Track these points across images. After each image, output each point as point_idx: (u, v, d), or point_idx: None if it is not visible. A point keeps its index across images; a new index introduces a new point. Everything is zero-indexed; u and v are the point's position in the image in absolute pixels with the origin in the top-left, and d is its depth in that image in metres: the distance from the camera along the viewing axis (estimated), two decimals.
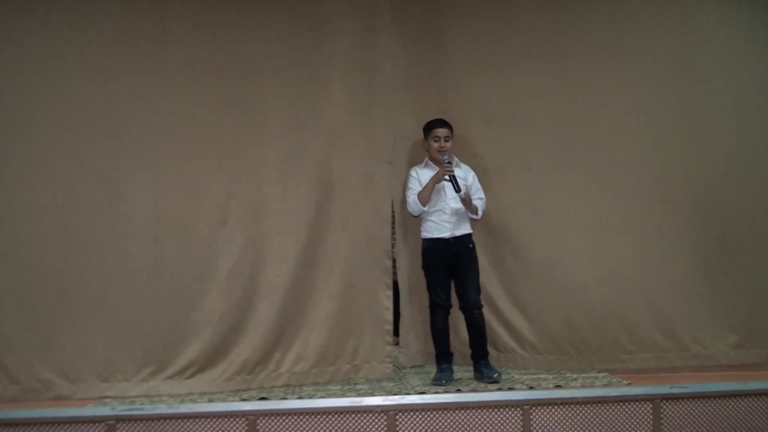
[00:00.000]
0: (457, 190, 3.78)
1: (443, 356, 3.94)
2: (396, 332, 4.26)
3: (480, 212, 3.99)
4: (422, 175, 4.00)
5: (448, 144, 3.94)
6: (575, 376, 3.98)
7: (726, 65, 4.33)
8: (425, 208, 3.86)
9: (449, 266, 3.91)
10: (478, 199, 4.01)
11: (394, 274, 4.25)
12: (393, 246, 4.23)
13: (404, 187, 4.05)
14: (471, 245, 3.97)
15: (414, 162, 4.20)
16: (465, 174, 4.03)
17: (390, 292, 4.11)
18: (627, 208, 4.21)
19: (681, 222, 4.24)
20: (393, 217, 4.26)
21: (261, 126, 3.95)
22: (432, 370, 4.04)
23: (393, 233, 4.26)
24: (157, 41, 3.87)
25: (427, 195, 3.88)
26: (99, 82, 3.81)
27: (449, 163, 3.85)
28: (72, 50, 3.81)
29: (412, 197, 3.90)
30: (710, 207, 4.26)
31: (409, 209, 3.93)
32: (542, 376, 4.00)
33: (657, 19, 4.28)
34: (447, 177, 3.82)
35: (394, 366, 4.18)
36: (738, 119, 4.31)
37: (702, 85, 4.30)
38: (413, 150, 4.25)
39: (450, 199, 3.91)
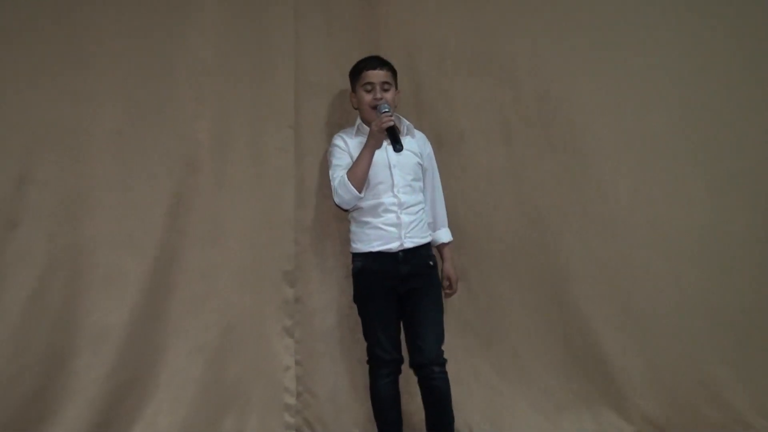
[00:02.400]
0: (398, 148, 2.94)
1: None
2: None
3: (444, 227, 3.19)
4: (352, 144, 3.10)
5: (388, 95, 3.07)
6: None
7: None
8: (361, 195, 2.99)
9: (397, 297, 3.02)
10: (436, 202, 3.18)
11: None
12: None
13: (327, 163, 3.21)
14: (431, 262, 3.07)
15: (335, 125, 3.31)
16: (420, 147, 3.14)
17: (291, 341, 3.20)
18: (656, 206, 3.32)
19: (737, 228, 3.35)
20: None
21: (88, 70, 3.12)
22: None
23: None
24: None
25: (362, 171, 2.97)
26: None
27: (388, 113, 2.97)
28: None
29: (339, 177, 3.02)
30: None
31: (336, 199, 3.06)
32: None
33: None
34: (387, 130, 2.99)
35: None
36: None
37: None
38: (332, 107, 3.37)
39: (401, 188, 3.01)
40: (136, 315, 3.08)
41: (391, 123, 2.93)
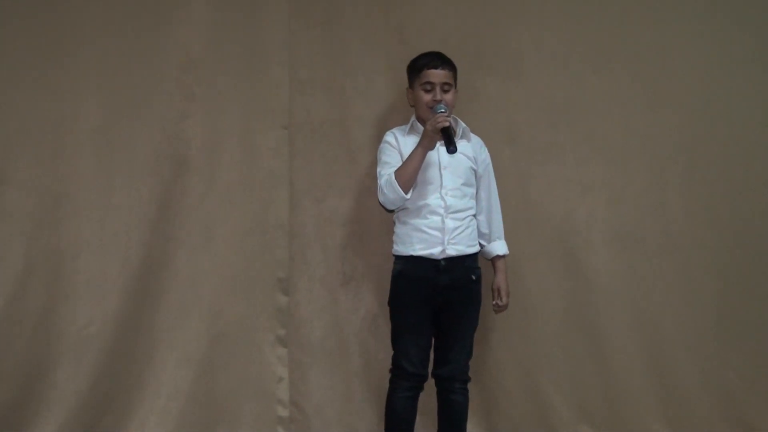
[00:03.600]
0: (452, 149, 2.77)
1: None
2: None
3: (500, 240, 2.98)
4: (405, 144, 2.92)
5: (448, 96, 2.92)
6: None
7: None
8: (407, 197, 2.83)
9: (434, 307, 2.89)
10: (492, 212, 2.99)
11: None
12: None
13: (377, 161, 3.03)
14: (475, 276, 2.92)
15: (332, 124, 3.14)
16: (475, 152, 2.99)
17: (284, 351, 3.07)
18: (668, 210, 3.16)
19: (756, 234, 3.17)
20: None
21: (69, 64, 3.01)
22: None
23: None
24: None
25: (412, 172, 2.81)
26: None
27: (444, 113, 2.81)
28: None
29: (386, 176, 2.87)
30: None
31: (381, 198, 2.90)
32: None
33: None
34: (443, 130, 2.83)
35: None
36: None
37: None
38: (328, 105, 3.20)
39: (449, 191, 2.87)
40: (120, 324, 2.98)
41: (447, 123, 2.77)
